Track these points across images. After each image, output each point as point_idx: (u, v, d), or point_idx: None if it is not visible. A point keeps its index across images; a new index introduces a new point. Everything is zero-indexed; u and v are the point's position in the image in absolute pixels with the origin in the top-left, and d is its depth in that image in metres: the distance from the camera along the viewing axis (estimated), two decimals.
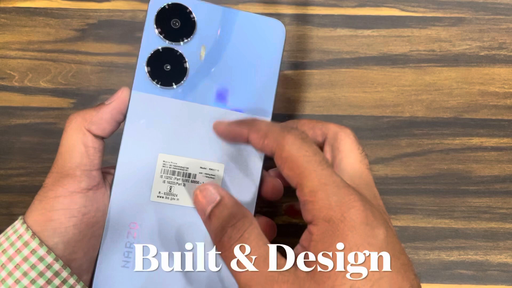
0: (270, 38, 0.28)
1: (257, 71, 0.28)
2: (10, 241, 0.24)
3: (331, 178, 0.22)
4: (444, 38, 0.38)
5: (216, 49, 0.27)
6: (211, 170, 0.27)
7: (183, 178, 0.27)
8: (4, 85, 0.37)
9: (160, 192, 0.27)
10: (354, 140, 0.26)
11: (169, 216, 0.27)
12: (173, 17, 0.27)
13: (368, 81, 0.38)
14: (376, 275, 0.20)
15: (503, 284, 0.36)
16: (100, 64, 0.38)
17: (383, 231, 0.21)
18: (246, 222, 0.22)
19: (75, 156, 0.25)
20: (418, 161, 0.37)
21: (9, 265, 0.23)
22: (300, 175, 0.22)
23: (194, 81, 0.27)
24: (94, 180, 0.26)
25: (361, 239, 0.20)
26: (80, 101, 0.37)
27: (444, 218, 0.37)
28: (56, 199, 0.25)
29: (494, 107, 0.38)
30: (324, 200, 0.21)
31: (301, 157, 0.22)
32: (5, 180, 0.37)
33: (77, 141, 0.25)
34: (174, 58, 0.27)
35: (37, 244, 0.24)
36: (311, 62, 0.38)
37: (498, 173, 0.37)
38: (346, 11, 0.38)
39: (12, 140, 0.37)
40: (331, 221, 0.21)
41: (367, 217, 0.21)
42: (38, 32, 0.38)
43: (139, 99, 0.27)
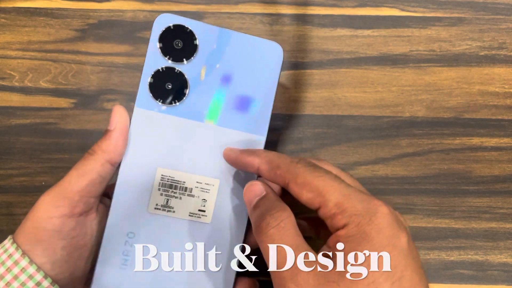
0: (268, 59, 0.29)
1: (255, 91, 0.29)
2: (1, 260, 0.25)
3: (350, 189, 0.24)
4: (444, 38, 0.38)
5: (216, 69, 0.28)
6: (207, 184, 0.29)
7: (180, 191, 0.28)
8: (4, 85, 0.37)
9: (157, 204, 0.28)
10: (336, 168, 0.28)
11: (165, 228, 0.28)
12: (176, 38, 0.28)
13: (368, 81, 0.38)
14: (398, 274, 0.22)
15: (503, 284, 0.36)
16: (100, 64, 0.38)
17: (406, 234, 0.23)
18: (284, 214, 0.24)
19: (83, 181, 0.26)
20: (418, 161, 0.37)
21: (0, 283, 0.24)
22: (320, 194, 0.24)
23: (194, 100, 0.28)
24: (88, 206, 0.27)
25: (386, 241, 0.22)
26: (80, 101, 0.37)
27: (444, 218, 0.37)
28: (49, 220, 0.25)
29: (494, 107, 0.38)
30: (351, 208, 0.23)
31: (317, 178, 0.24)
32: (5, 180, 0.37)
33: (92, 170, 0.26)
34: (176, 77, 0.28)
35: (27, 263, 0.25)
36: (311, 62, 0.38)
37: (498, 173, 0.37)
38: (346, 11, 0.38)
39: (12, 140, 0.37)
40: (359, 225, 0.22)
41: (392, 220, 0.23)
42: (38, 32, 0.38)
43: (141, 115, 0.28)
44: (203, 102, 0.28)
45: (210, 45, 0.28)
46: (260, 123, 0.29)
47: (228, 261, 0.28)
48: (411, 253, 0.23)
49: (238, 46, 0.28)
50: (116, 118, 0.27)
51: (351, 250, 0.22)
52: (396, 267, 0.22)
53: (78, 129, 0.37)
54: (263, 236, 0.24)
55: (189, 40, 0.28)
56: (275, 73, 0.29)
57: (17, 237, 0.26)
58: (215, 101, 0.28)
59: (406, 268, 0.22)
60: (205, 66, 0.28)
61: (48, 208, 0.26)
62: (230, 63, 0.28)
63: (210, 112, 0.28)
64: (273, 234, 0.24)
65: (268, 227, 0.24)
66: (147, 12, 0.38)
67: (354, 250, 0.22)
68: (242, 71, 0.29)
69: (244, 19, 0.38)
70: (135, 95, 0.28)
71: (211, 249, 0.28)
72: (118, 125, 0.27)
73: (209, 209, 0.29)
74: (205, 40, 0.28)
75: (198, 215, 0.28)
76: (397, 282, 0.21)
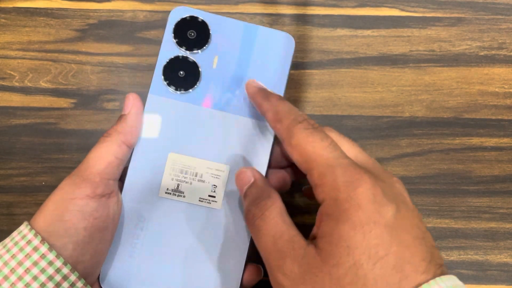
0: (280, 50, 0.30)
1: (266, 80, 0.29)
2: (19, 246, 0.25)
3: (338, 160, 0.23)
4: (444, 38, 0.38)
5: (228, 59, 0.29)
6: (217, 170, 0.29)
7: (190, 176, 0.29)
8: (4, 85, 0.37)
9: (168, 189, 0.29)
10: (337, 132, 0.27)
11: (175, 212, 0.29)
12: (190, 28, 0.29)
13: (368, 81, 0.38)
14: (381, 252, 0.20)
15: (503, 284, 0.36)
16: (100, 64, 0.38)
17: (393, 207, 0.21)
18: (268, 202, 0.25)
19: (101, 164, 0.27)
20: (418, 161, 0.37)
21: (19, 270, 0.24)
22: (308, 160, 0.23)
23: (206, 88, 0.29)
24: (109, 188, 0.27)
25: (366, 218, 0.21)
26: (80, 101, 0.37)
27: (444, 218, 0.37)
28: (71, 201, 0.26)
29: (494, 107, 0.38)
30: (332, 182, 0.22)
31: (309, 143, 0.23)
32: (5, 180, 0.37)
33: (109, 152, 0.27)
34: (189, 65, 0.29)
35: (47, 249, 0.24)
36: (311, 62, 0.38)
37: (498, 173, 0.37)
38: (346, 11, 0.38)
39: (12, 140, 0.37)
40: (337, 201, 0.22)
41: (374, 195, 0.21)
42: (38, 32, 0.38)
43: (154, 101, 0.29)
44: (215, 89, 0.29)
45: (222, 36, 0.29)
46: None
47: (237, 246, 0.29)
48: (401, 226, 0.21)
49: (250, 36, 0.29)
50: (130, 103, 0.28)
51: (330, 229, 0.21)
52: (378, 245, 0.20)
53: (78, 129, 0.37)
54: (251, 228, 0.25)
55: (202, 30, 0.29)
56: (286, 63, 0.30)
57: (36, 221, 0.25)
58: (226, 89, 0.29)
59: (391, 245, 0.20)
60: (217, 55, 0.29)
61: (70, 190, 0.26)
62: (242, 53, 0.29)
63: (221, 100, 0.29)
64: (259, 225, 0.24)
65: (254, 218, 0.25)
66: (147, 12, 0.38)
67: (333, 230, 0.21)
68: (253, 61, 0.29)
69: (244, 19, 0.38)
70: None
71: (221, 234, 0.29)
72: (133, 110, 0.28)
73: (219, 195, 0.29)
74: (218, 31, 0.29)
75: (208, 201, 0.29)
76: (380, 261, 0.20)
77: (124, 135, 0.27)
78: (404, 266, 0.20)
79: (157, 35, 0.38)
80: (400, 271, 0.20)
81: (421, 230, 0.22)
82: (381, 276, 0.20)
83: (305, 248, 0.22)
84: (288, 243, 0.23)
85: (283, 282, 0.22)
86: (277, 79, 0.29)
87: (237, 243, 0.29)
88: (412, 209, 0.23)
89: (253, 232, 0.25)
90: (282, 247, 0.23)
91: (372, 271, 0.20)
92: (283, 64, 0.29)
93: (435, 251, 0.22)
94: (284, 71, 0.29)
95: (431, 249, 0.22)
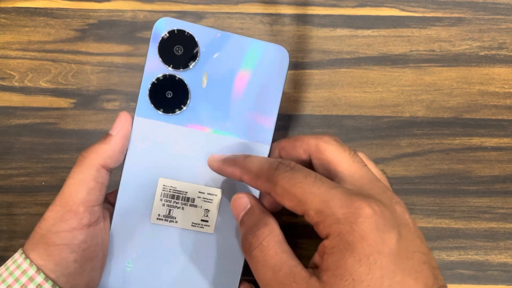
0: (273, 64, 0.28)
1: (259, 97, 0.28)
2: (14, 276, 0.24)
3: (330, 193, 0.22)
4: (444, 38, 0.38)
5: (219, 75, 0.27)
6: (209, 194, 0.28)
7: (182, 201, 0.28)
8: (4, 85, 0.37)
9: (159, 215, 0.28)
10: (336, 144, 0.26)
11: (167, 237, 0.28)
12: (176, 43, 0.27)
13: (368, 81, 0.38)
14: (386, 282, 0.20)
15: (503, 284, 0.36)
16: (100, 64, 0.38)
17: (395, 234, 0.21)
18: (266, 231, 0.24)
19: (82, 191, 0.26)
20: (418, 161, 0.37)
21: None
22: (300, 202, 0.22)
23: (195, 108, 0.28)
24: (95, 215, 0.26)
25: (370, 249, 0.21)
26: (80, 101, 0.37)
27: (444, 218, 0.37)
28: (58, 234, 0.25)
29: (494, 107, 0.38)
30: (331, 217, 0.22)
31: (295, 185, 0.23)
32: (5, 180, 0.37)
33: (88, 177, 0.26)
34: (176, 85, 0.27)
35: (43, 279, 0.24)
36: (311, 62, 0.38)
37: (498, 173, 0.37)
38: (346, 11, 0.38)
39: (12, 140, 0.37)
40: (341, 234, 0.21)
41: (376, 223, 0.21)
42: (38, 32, 0.38)
43: (141, 124, 0.27)
44: (205, 110, 0.28)
45: (212, 51, 0.27)
46: (264, 131, 0.28)
47: (231, 270, 0.28)
48: (404, 253, 0.21)
49: (241, 50, 0.27)
50: (120, 124, 0.27)
51: (335, 263, 0.21)
52: (383, 277, 0.20)
53: (78, 129, 0.37)
54: (248, 258, 0.24)
55: (190, 45, 0.27)
56: (280, 78, 0.28)
57: (28, 252, 0.25)
58: (217, 109, 0.28)
59: (395, 273, 0.20)
60: (207, 72, 0.27)
61: (55, 223, 0.25)
62: (233, 69, 0.27)
63: (212, 121, 0.28)
64: (256, 255, 0.23)
65: (251, 248, 0.24)
66: (147, 12, 0.38)
67: (338, 263, 0.21)
68: (246, 76, 0.28)
69: (244, 19, 0.38)
70: (135, 95, 0.27)
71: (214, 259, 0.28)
72: (120, 132, 0.27)
73: (212, 219, 0.28)
74: (206, 45, 0.27)
75: (201, 225, 0.28)
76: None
77: (103, 159, 0.26)
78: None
79: None
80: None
81: (424, 253, 0.22)
82: None
83: (307, 281, 0.22)
84: (289, 275, 0.22)
85: None
86: (271, 95, 0.28)
87: (230, 267, 0.28)
88: (414, 231, 0.22)
89: (251, 263, 0.24)
90: (282, 279, 0.22)
91: None
92: (277, 79, 0.28)
93: (437, 273, 0.22)
94: (278, 87, 0.28)
95: (433, 271, 0.22)
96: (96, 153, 0.26)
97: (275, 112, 0.28)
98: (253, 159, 0.26)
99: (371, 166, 0.27)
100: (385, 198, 0.23)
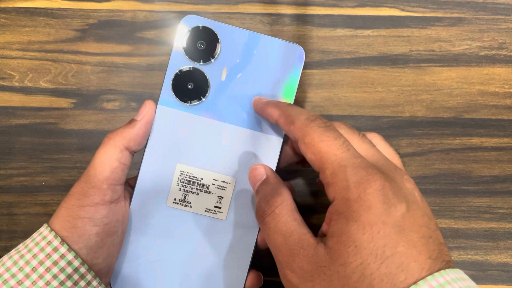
0: (290, 61, 0.29)
1: (275, 92, 0.29)
2: (39, 246, 0.26)
3: (350, 160, 0.23)
4: (444, 38, 0.38)
5: (238, 70, 0.29)
6: (224, 182, 0.30)
7: (197, 187, 0.29)
8: (4, 85, 0.37)
9: (175, 199, 0.29)
10: (346, 128, 0.27)
11: (182, 221, 0.29)
12: (200, 39, 0.29)
13: (368, 81, 0.38)
14: (388, 252, 0.21)
15: (503, 284, 0.36)
16: (100, 64, 0.38)
17: (402, 207, 0.22)
18: (279, 200, 0.25)
19: (106, 170, 0.27)
20: (418, 161, 0.37)
21: (40, 269, 0.25)
22: (321, 159, 0.24)
23: (214, 100, 0.29)
24: (117, 194, 0.28)
25: (375, 218, 0.21)
26: (80, 101, 0.37)
27: (444, 218, 0.37)
28: (82, 208, 0.27)
29: (494, 107, 0.38)
30: (343, 182, 0.23)
31: (322, 142, 0.24)
32: (5, 180, 0.37)
33: (112, 157, 0.27)
34: (197, 77, 0.29)
35: (66, 250, 0.26)
36: (311, 62, 0.38)
37: (498, 173, 0.37)
38: (346, 11, 0.38)
39: (12, 140, 0.37)
40: (347, 201, 0.22)
41: (384, 196, 0.22)
42: (38, 32, 0.38)
43: (163, 112, 0.29)
44: (223, 102, 0.29)
45: (232, 47, 0.29)
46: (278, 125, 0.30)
47: (241, 256, 0.29)
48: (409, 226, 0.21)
49: (260, 47, 0.29)
50: (144, 111, 0.28)
51: (340, 229, 0.22)
52: (385, 246, 0.21)
53: (78, 129, 0.37)
54: (261, 224, 0.26)
55: (212, 41, 0.29)
56: (295, 75, 0.29)
57: (53, 225, 0.27)
58: (235, 101, 0.29)
59: (398, 245, 0.21)
60: (227, 67, 0.29)
61: (80, 198, 0.27)
62: (251, 65, 0.29)
63: (229, 112, 0.29)
64: (268, 222, 0.25)
65: (264, 215, 0.25)
66: (147, 12, 0.38)
67: (342, 229, 0.22)
68: (262, 73, 0.29)
69: (244, 19, 0.38)
70: (135, 94, 0.28)
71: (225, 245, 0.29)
72: (144, 118, 0.28)
73: (224, 206, 0.30)
74: (227, 41, 0.29)
75: (214, 211, 0.29)
76: (386, 260, 0.21)
77: (127, 141, 0.28)
78: (410, 264, 0.21)
79: (157, 35, 0.38)
80: (405, 270, 0.21)
81: (430, 228, 0.22)
82: (387, 274, 0.21)
83: (315, 247, 0.23)
84: (297, 242, 0.23)
85: (292, 279, 0.23)
86: (286, 91, 0.29)
87: (241, 253, 0.29)
88: (422, 208, 0.23)
89: (263, 229, 0.25)
90: (292, 245, 0.23)
91: (378, 270, 0.21)
92: (293, 76, 0.29)
93: (443, 248, 0.22)
94: (293, 84, 0.29)
95: (439, 246, 0.22)
96: (120, 136, 0.28)
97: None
98: (294, 106, 0.27)
99: (384, 146, 0.28)
100: (396, 174, 0.24)
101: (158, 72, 0.37)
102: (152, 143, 0.29)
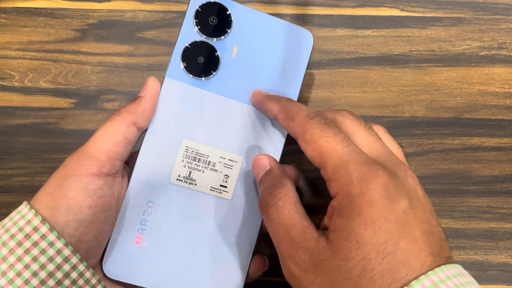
0: (299, 45, 0.29)
1: (283, 74, 0.29)
2: (18, 226, 0.24)
3: (351, 155, 0.23)
4: (444, 38, 0.38)
5: (248, 49, 0.29)
6: (230, 160, 0.29)
7: (203, 165, 0.28)
8: (4, 85, 0.37)
9: (179, 176, 0.28)
10: (353, 118, 0.27)
11: (185, 199, 0.28)
12: (212, 14, 0.29)
13: (368, 81, 0.38)
14: (390, 248, 0.21)
15: (503, 284, 0.36)
16: (100, 64, 0.38)
17: (404, 203, 0.22)
18: (282, 192, 0.25)
19: (109, 142, 0.26)
20: (418, 161, 0.37)
21: (18, 250, 0.23)
22: (322, 154, 0.24)
23: (224, 76, 0.29)
24: (115, 168, 0.26)
25: (377, 214, 0.21)
26: (80, 101, 0.37)
27: (444, 218, 0.37)
28: (75, 178, 0.25)
29: (494, 107, 0.38)
30: (345, 177, 0.22)
31: (322, 138, 0.24)
32: (5, 180, 0.37)
33: (118, 131, 0.26)
34: (208, 52, 0.29)
35: (47, 230, 0.23)
36: (311, 62, 0.38)
37: (498, 173, 0.37)
38: (346, 11, 0.38)
39: (12, 140, 0.37)
40: (350, 196, 0.22)
41: (387, 191, 0.22)
42: (38, 32, 0.38)
43: (171, 85, 0.28)
44: (233, 79, 0.29)
45: (244, 26, 0.29)
46: None
47: (245, 237, 0.28)
48: (411, 222, 0.21)
49: (271, 29, 0.29)
50: (148, 86, 0.27)
51: (342, 224, 0.22)
52: (387, 242, 0.21)
53: (78, 129, 0.37)
54: (264, 215, 0.25)
55: (224, 17, 0.29)
56: (304, 59, 0.30)
57: (38, 199, 0.25)
58: (244, 80, 0.29)
59: (400, 240, 0.21)
60: (237, 44, 0.29)
61: (74, 166, 0.25)
62: (261, 45, 0.29)
63: (238, 90, 0.29)
64: (271, 213, 0.25)
65: (267, 206, 0.25)
66: (147, 12, 0.38)
67: (344, 224, 0.22)
68: (273, 53, 0.29)
69: None
70: (135, 95, 0.28)
71: (229, 225, 0.28)
72: (149, 93, 0.27)
73: (230, 185, 0.29)
74: (239, 19, 0.29)
75: (220, 190, 0.29)
76: (388, 256, 0.21)
77: (135, 116, 0.27)
78: (411, 261, 0.21)
79: (157, 35, 0.38)
80: (406, 265, 0.21)
81: (431, 224, 0.22)
82: (388, 270, 0.21)
83: (317, 240, 0.23)
84: (300, 234, 0.23)
85: (294, 271, 0.23)
86: (294, 74, 0.29)
87: (245, 234, 0.28)
88: (425, 204, 0.23)
89: (266, 220, 0.25)
90: (294, 237, 0.23)
91: (379, 265, 0.21)
92: (301, 60, 0.29)
93: (444, 245, 0.22)
94: (301, 68, 0.29)
95: (440, 242, 0.22)
96: (127, 111, 0.27)
97: (296, 90, 0.30)
98: (294, 102, 0.27)
99: (388, 139, 0.28)
100: (399, 170, 0.24)
101: (158, 72, 0.37)
102: (157, 115, 0.28)
